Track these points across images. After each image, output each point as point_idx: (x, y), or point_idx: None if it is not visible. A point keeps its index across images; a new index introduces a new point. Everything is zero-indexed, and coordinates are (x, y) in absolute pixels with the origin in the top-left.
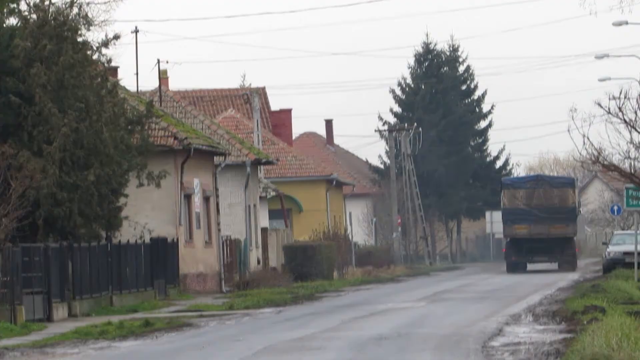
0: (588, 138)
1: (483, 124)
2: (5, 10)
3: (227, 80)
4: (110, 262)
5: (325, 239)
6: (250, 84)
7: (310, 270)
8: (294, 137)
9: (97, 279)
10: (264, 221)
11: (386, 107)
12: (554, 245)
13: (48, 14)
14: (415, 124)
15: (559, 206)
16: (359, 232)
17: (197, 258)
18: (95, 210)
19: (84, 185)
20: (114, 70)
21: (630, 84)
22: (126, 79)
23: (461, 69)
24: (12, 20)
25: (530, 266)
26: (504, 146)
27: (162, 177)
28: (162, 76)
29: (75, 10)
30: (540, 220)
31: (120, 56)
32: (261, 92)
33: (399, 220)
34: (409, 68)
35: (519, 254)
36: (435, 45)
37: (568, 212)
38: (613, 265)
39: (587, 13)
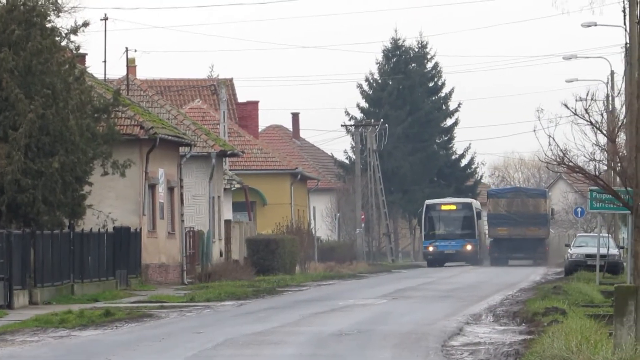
0: (554, 139)
1: (449, 121)
2: None
3: (195, 70)
4: (72, 250)
5: (288, 233)
6: (218, 75)
7: (272, 264)
8: (260, 130)
9: (59, 267)
10: (227, 213)
11: (353, 102)
12: (529, 244)
13: None
14: (382, 120)
15: (534, 213)
16: (322, 227)
17: (160, 249)
18: (59, 197)
19: (49, 172)
20: (82, 57)
21: (598, 85)
22: (94, 67)
23: (429, 65)
24: None
25: (510, 261)
26: (469, 145)
27: (127, 167)
28: (130, 65)
29: None
30: (518, 224)
31: (88, 43)
32: (228, 84)
33: (363, 217)
34: (377, 63)
35: (500, 251)
36: (404, 41)
37: (541, 217)
38: (575, 267)
39: (559, 13)
